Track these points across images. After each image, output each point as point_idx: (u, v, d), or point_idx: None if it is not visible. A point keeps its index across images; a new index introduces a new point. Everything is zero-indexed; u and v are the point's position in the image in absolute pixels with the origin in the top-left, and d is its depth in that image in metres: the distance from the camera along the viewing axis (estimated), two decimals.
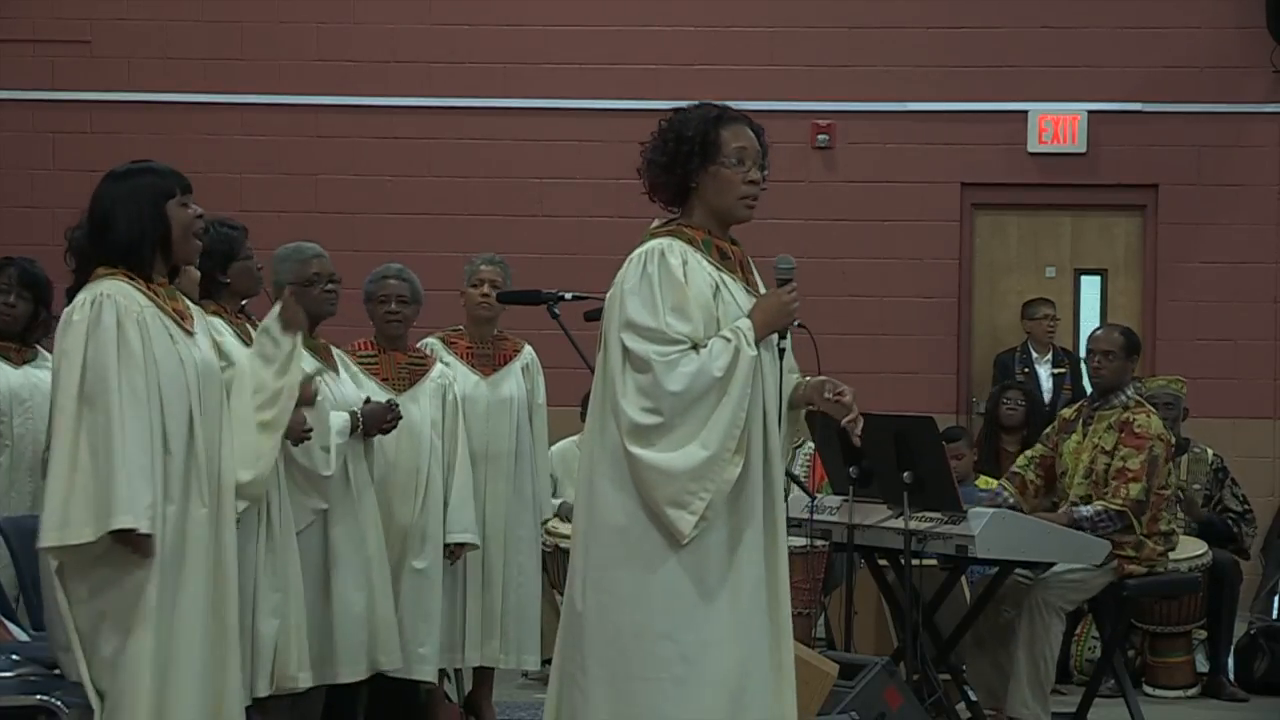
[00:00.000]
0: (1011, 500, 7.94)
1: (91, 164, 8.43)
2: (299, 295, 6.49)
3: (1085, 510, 7.61)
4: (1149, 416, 7.83)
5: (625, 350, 4.87)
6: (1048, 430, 8.22)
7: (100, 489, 4.84)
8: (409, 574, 7.02)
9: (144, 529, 4.86)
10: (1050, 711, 7.65)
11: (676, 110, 5.09)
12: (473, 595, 7.49)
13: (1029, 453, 8.18)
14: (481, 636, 7.51)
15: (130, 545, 4.88)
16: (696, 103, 5.12)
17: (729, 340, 4.90)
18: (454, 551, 7.25)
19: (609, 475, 4.90)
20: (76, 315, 5.00)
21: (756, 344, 4.93)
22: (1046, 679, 7.61)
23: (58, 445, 4.91)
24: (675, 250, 4.95)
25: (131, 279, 5.06)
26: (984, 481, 9.65)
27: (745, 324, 4.94)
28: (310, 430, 6.16)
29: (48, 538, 4.87)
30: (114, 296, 4.99)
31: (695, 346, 4.88)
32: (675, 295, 4.89)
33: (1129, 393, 7.96)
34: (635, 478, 4.84)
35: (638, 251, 4.98)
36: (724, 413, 4.85)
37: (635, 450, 4.83)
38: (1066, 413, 8.17)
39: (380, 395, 6.89)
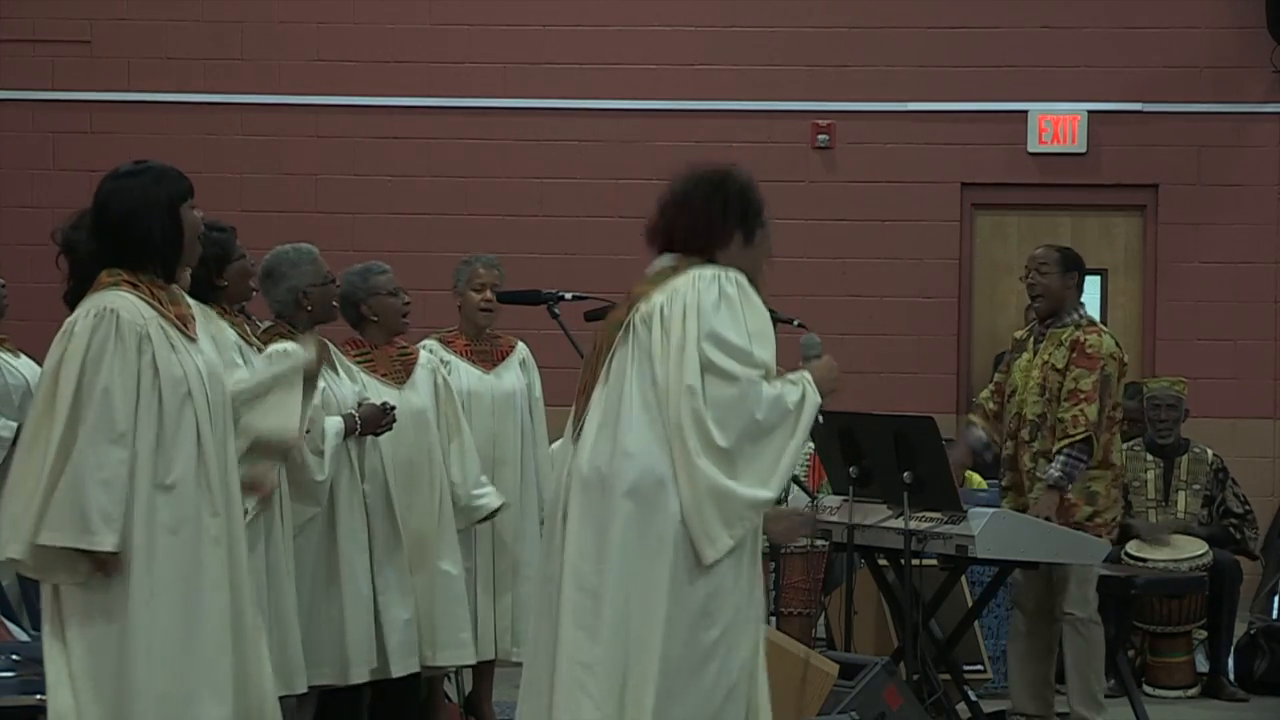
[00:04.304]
0: (985, 437, 7.79)
1: (91, 164, 8.45)
2: (321, 294, 6.57)
3: (1055, 471, 7.52)
4: (1100, 336, 7.65)
5: (706, 363, 4.78)
6: (1003, 354, 8.07)
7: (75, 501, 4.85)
8: (437, 575, 6.97)
9: (112, 547, 4.84)
10: (1104, 709, 7.66)
11: (723, 172, 5.01)
12: (501, 593, 7.49)
13: (991, 383, 8.04)
14: (509, 633, 7.51)
15: (101, 565, 4.87)
16: (728, 164, 5.07)
17: (795, 384, 4.90)
18: (489, 518, 7.25)
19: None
20: (79, 326, 4.95)
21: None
22: (1098, 683, 7.60)
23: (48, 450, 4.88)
24: (746, 281, 4.92)
25: (136, 287, 5.02)
26: (971, 480, 9.65)
27: (807, 375, 4.95)
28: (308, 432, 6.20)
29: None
30: (117, 310, 4.94)
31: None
32: (758, 321, 4.87)
33: (1082, 312, 7.74)
34: (695, 488, 4.76)
35: (706, 272, 4.89)
36: (790, 452, 4.85)
37: (706, 466, 4.75)
38: (1018, 334, 7.98)
39: (381, 391, 6.87)
